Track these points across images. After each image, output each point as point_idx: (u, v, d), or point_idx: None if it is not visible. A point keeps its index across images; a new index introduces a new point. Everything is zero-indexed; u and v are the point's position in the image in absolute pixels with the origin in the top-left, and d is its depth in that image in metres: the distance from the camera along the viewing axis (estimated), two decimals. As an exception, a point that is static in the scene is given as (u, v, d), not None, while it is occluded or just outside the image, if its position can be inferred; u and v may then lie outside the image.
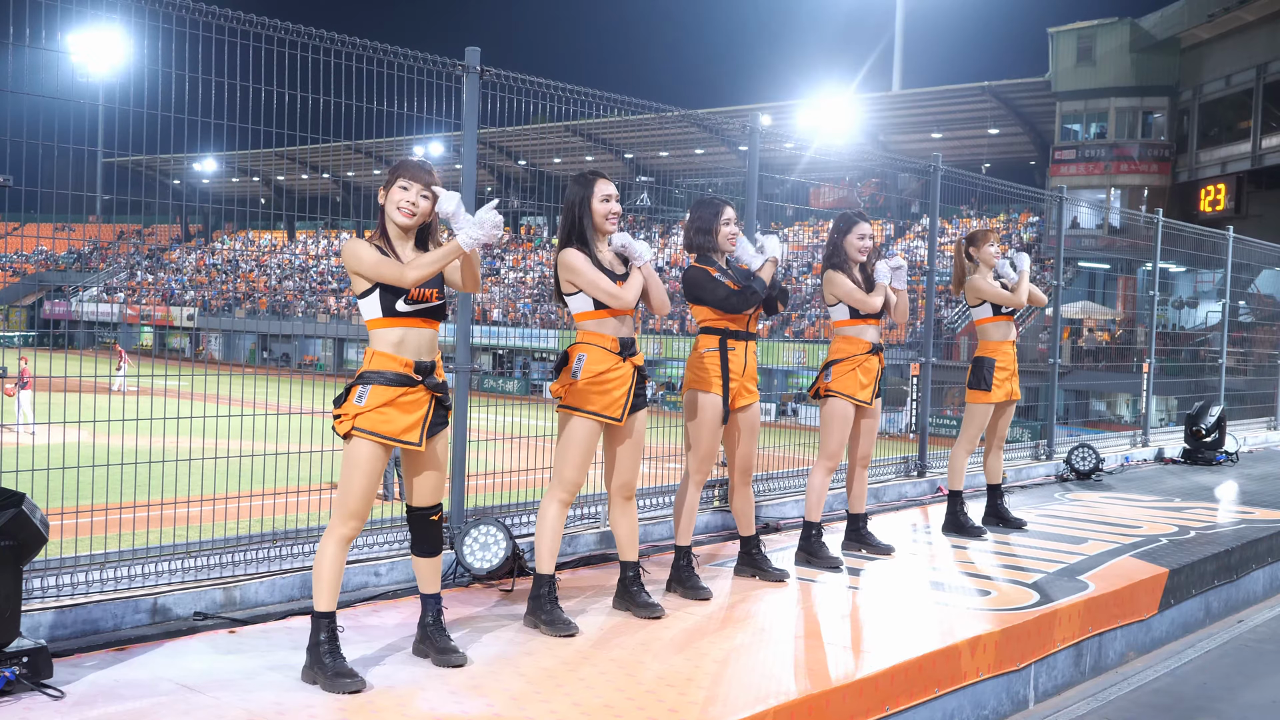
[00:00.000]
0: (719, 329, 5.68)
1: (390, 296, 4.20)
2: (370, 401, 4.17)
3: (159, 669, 4.22)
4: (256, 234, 67.94)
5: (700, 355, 5.68)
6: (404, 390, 4.22)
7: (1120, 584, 6.11)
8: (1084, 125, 39.04)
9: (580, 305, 5.02)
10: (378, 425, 4.18)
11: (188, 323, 50.75)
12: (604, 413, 4.95)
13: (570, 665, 4.43)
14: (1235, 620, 7.10)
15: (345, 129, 5.84)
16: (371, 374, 4.21)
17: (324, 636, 4.17)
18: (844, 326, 6.38)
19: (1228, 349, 15.39)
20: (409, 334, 4.25)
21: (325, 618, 4.20)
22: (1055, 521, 8.09)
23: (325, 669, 4.11)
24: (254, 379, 7.83)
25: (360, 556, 5.69)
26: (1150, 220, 13.29)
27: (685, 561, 5.66)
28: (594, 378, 4.94)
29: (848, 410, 6.31)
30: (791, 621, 5.20)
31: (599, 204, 5.01)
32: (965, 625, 5.14)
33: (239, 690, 4.03)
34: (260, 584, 5.25)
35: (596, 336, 5.00)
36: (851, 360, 6.30)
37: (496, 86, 6.28)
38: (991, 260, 7.32)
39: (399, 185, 4.27)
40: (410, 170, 4.28)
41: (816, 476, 6.37)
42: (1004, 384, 7.38)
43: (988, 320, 7.39)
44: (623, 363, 4.99)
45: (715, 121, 8.94)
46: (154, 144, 5.32)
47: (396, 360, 4.22)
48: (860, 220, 6.35)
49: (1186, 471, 11.57)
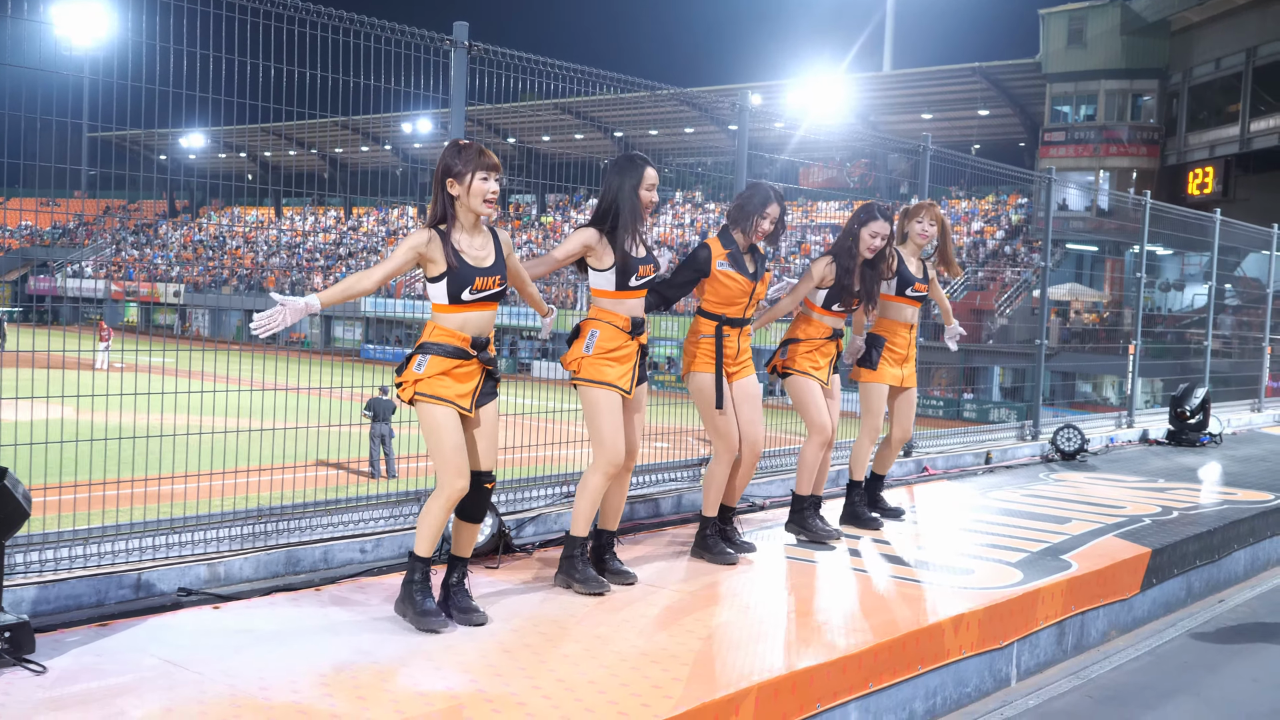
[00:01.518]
0: (716, 315, 5.74)
1: (456, 286, 4.49)
2: (429, 369, 4.51)
3: (142, 644, 4.22)
4: (243, 210, 67.63)
5: (696, 340, 5.77)
6: (459, 362, 4.54)
7: (1103, 563, 6.14)
8: (1074, 107, 39.06)
9: (601, 283, 5.19)
10: (436, 389, 4.50)
11: (174, 299, 50.59)
12: (619, 383, 5.13)
13: (552, 640, 4.44)
14: (1217, 600, 7.15)
15: (332, 104, 5.80)
16: (431, 344, 4.54)
17: (418, 576, 4.59)
18: (812, 310, 6.38)
19: (1213, 332, 15.44)
20: (471, 317, 4.56)
21: (422, 561, 4.60)
22: (1039, 501, 8.12)
23: (415, 605, 4.54)
24: (241, 356, 7.81)
25: (345, 533, 5.69)
26: (1138, 203, 13.31)
27: (711, 530, 5.89)
28: (605, 353, 5.15)
29: (810, 382, 6.32)
30: (775, 599, 5.22)
31: (645, 192, 5.16)
32: (949, 603, 5.17)
33: (222, 665, 4.02)
34: (244, 560, 5.24)
35: (611, 315, 5.20)
36: (809, 343, 6.34)
37: (485, 62, 6.25)
38: (919, 238, 6.87)
39: (479, 177, 4.47)
40: (485, 161, 4.46)
41: (808, 450, 6.37)
42: (894, 367, 6.82)
43: (888, 298, 6.83)
44: (631, 340, 5.19)
45: (705, 100, 8.94)
46: (140, 118, 5.29)
47: (456, 336, 4.54)
48: (879, 217, 6.26)
49: (1171, 453, 11.62)
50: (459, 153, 4.47)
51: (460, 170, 4.46)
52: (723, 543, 5.90)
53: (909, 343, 6.90)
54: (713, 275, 5.70)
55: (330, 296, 4.38)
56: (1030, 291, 35.36)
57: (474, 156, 4.46)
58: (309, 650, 4.22)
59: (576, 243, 5.14)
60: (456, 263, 4.47)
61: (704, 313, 5.78)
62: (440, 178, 4.50)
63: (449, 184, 4.48)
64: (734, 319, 5.75)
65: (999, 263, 39.26)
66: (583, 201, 52.40)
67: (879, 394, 6.81)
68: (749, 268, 5.74)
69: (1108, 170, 38.09)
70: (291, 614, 4.67)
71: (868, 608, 5.14)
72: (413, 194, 59.15)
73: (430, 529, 4.57)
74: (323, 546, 5.54)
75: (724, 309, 5.73)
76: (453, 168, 4.47)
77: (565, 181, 8.44)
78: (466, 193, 4.48)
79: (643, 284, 5.24)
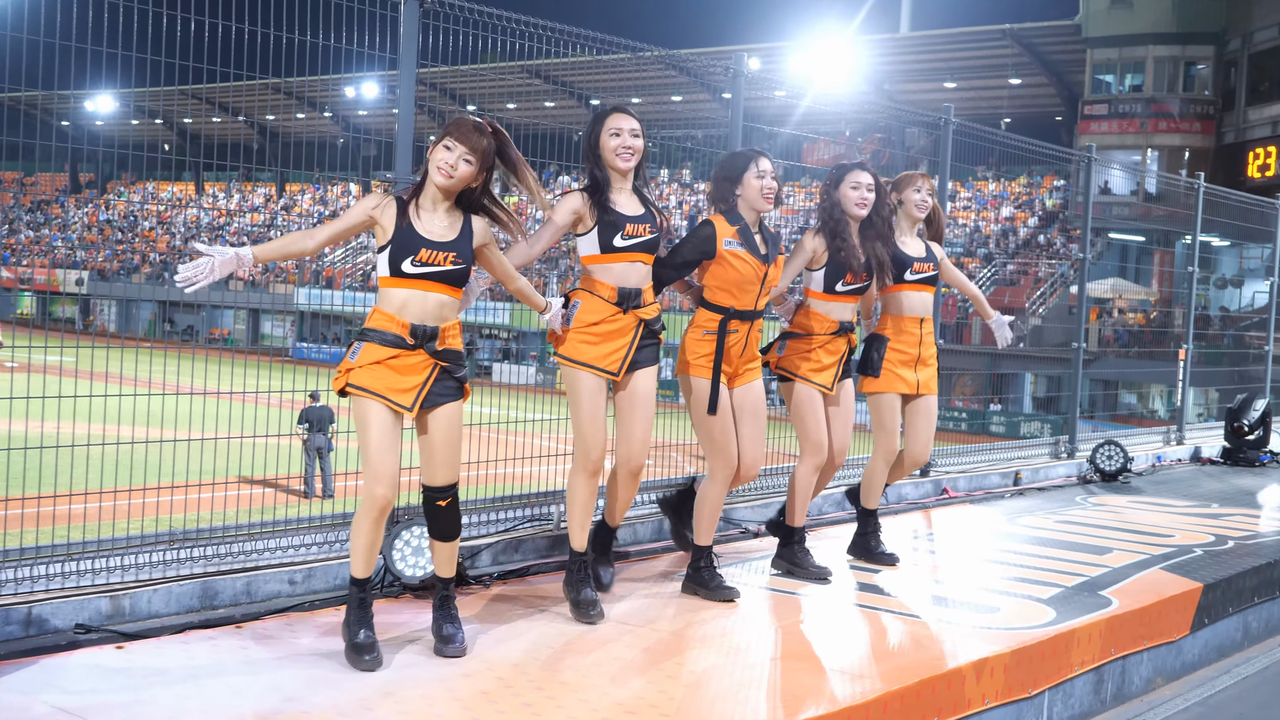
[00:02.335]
0: (722, 306, 5.64)
1: (399, 255, 4.54)
2: (363, 358, 4.56)
3: (33, 690, 4.18)
4: (159, 185, 67.36)
5: (699, 335, 5.69)
6: (398, 352, 4.56)
7: (1148, 600, 6.16)
8: (1118, 77, 39.29)
9: (585, 247, 5.31)
10: (369, 382, 4.53)
11: (76, 288, 50.36)
12: (597, 364, 5.20)
13: (511, 687, 4.42)
14: (1277, 643, 7.19)
15: (263, 64, 5.78)
16: (370, 331, 4.60)
17: (354, 603, 4.65)
18: (814, 299, 6.22)
19: (1276, 335, 15.53)
20: (413, 297, 4.57)
21: (356, 585, 4.68)
22: (1076, 529, 8.16)
23: (348, 637, 4.61)
24: (153, 355, 7.76)
25: (271, 561, 5.66)
26: (1191, 186, 13.39)
27: (705, 562, 5.84)
28: (585, 328, 5.22)
29: (809, 390, 6.20)
30: (769, 640, 5.22)
31: (606, 138, 5.31)
32: (970, 646, 5.17)
33: (126, 714, 3.99)
34: (153, 592, 5.21)
35: (594, 284, 5.29)
36: (811, 339, 6.21)
37: (440, 17, 6.24)
38: (917, 209, 6.64)
39: (443, 145, 4.57)
40: (460, 131, 4.56)
41: (801, 472, 6.27)
42: (901, 370, 6.60)
43: (887, 289, 6.62)
44: (622, 314, 5.23)
45: (696, 64, 8.95)
46: (38, 78, 5.25)
47: (394, 321, 4.56)
48: (855, 168, 6.17)
49: (1226, 473, 11.69)
50: (449, 122, 4.61)
51: (435, 138, 4.59)
52: (719, 575, 5.84)
53: (920, 339, 6.63)
54: (718, 255, 5.59)
55: (266, 252, 4.50)
56: (1067, 287, 35.55)
57: (453, 126, 4.58)
58: (228, 697, 4.19)
59: (565, 211, 5.26)
60: (404, 229, 4.54)
61: (707, 303, 5.67)
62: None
63: (428, 152, 4.63)
64: (743, 311, 5.64)
65: (1032, 254, 39.46)
66: (553, 179, 52.42)
67: (889, 406, 6.63)
68: (760, 249, 5.65)
69: (1156, 149, 38.34)
70: (208, 655, 4.63)
71: (876, 651, 5.15)
72: (356, 168, 59.10)
73: (358, 546, 4.62)
74: (245, 577, 5.51)
75: (732, 298, 5.62)
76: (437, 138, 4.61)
77: (534, 156, 8.43)
78: (429, 160, 4.59)
79: (632, 245, 5.24)
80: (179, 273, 4.29)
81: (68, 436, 5.63)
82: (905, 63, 45.37)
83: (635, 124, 5.33)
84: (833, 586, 6.21)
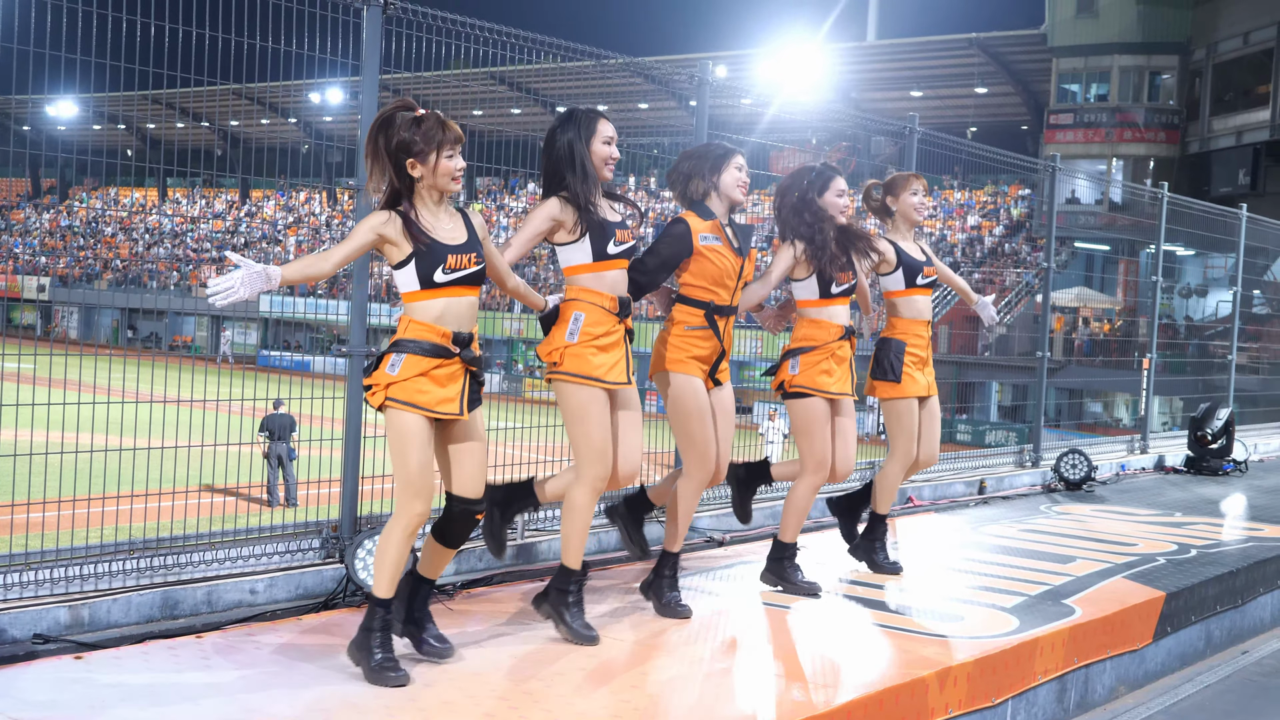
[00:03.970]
0: (702, 301, 5.57)
1: (428, 267, 4.48)
2: (404, 371, 4.48)
3: (-11, 701, 4.15)
4: (121, 191, 66.91)
5: (682, 332, 5.57)
6: (440, 362, 4.51)
7: (1111, 609, 6.21)
8: (1083, 86, 39.58)
9: (574, 257, 5.15)
10: (413, 395, 4.47)
11: (38, 294, 49.93)
12: (609, 378, 5.07)
13: (474, 697, 4.42)
14: (1239, 651, 7.25)
15: (225, 70, 5.77)
16: (407, 342, 4.51)
17: (377, 624, 4.54)
18: (809, 308, 6.17)
19: (1239, 344, 15.69)
20: (451, 304, 4.55)
21: (381, 605, 4.57)
22: (1039, 537, 8.20)
23: (370, 656, 4.50)
24: (115, 362, 7.73)
25: (233, 571, 5.64)
26: (1155, 196, 13.51)
27: (669, 570, 5.75)
28: (593, 340, 5.08)
29: (823, 406, 6.14)
30: (732, 651, 5.23)
31: (600, 146, 5.17)
32: (933, 655, 5.20)
33: (84, 726, 3.97)
34: (113, 602, 5.18)
35: (593, 294, 5.13)
36: (823, 349, 6.12)
37: (404, 24, 6.24)
38: (914, 211, 6.68)
39: (445, 155, 4.49)
40: (454, 136, 4.50)
41: (800, 490, 6.19)
42: (915, 373, 6.66)
43: (898, 294, 6.70)
44: (618, 323, 5.16)
45: (661, 71, 8.98)
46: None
47: (435, 330, 4.51)
48: (835, 175, 6.13)
49: (1189, 482, 11.79)
50: (417, 126, 4.46)
51: (423, 149, 4.46)
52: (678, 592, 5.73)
53: (927, 342, 6.74)
54: (696, 251, 5.51)
55: (291, 273, 4.38)
56: (1032, 296, 35.76)
57: (436, 131, 4.46)
58: (187, 708, 4.17)
59: (543, 216, 5.09)
60: (424, 239, 4.48)
61: (686, 299, 5.59)
62: (392, 154, 4.46)
63: (410, 165, 4.47)
64: (722, 306, 5.58)
65: (998, 263, 39.70)
66: (519, 186, 52.36)
67: (909, 411, 6.64)
68: (734, 241, 5.61)
69: (1121, 158, 38.63)
70: (168, 666, 4.60)
71: (839, 660, 5.16)
72: (320, 175, 58.79)
73: (388, 563, 4.54)
74: (206, 586, 5.48)
75: (711, 293, 5.55)
76: (413, 145, 4.46)
77: (500, 164, 8.43)
78: (433, 173, 4.49)
79: (623, 251, 5.18)
80: (209, 285, 4.16)
81: (26, 444, 5.59)
82: (872, 71, 45.56)
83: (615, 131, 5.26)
84: (794, 596, 6.21)
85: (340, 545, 5.95)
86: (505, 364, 39.15)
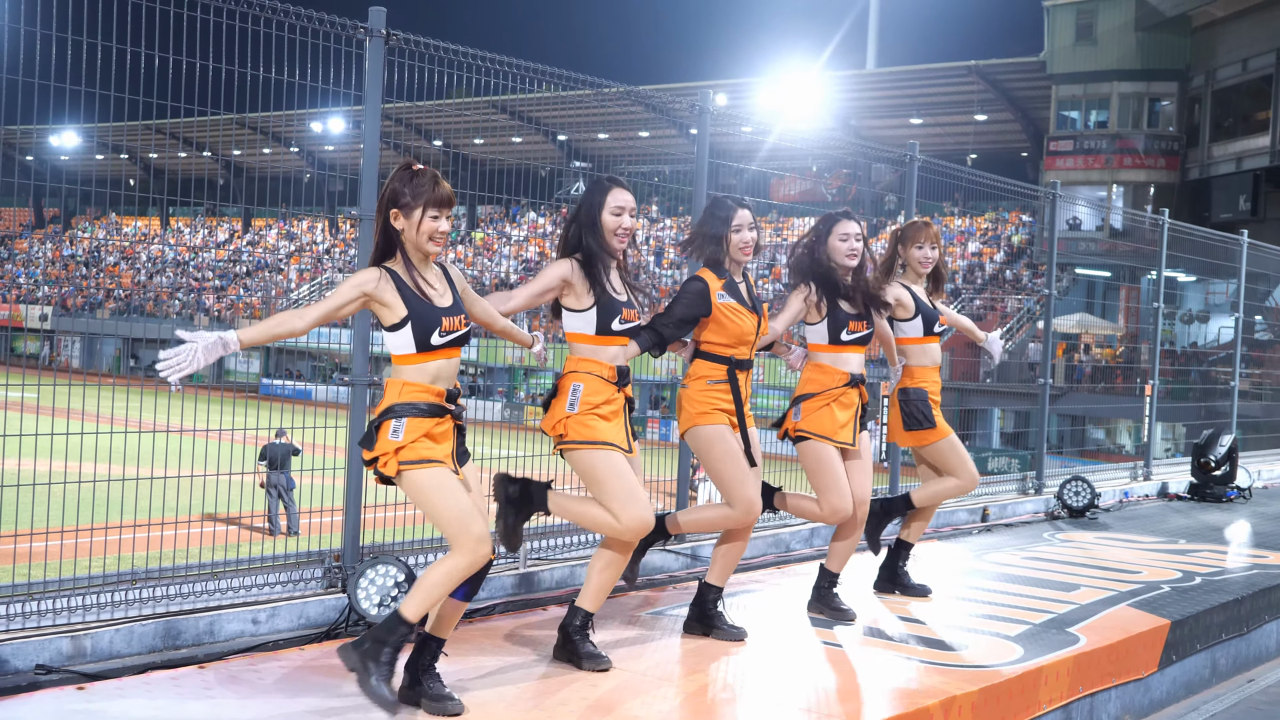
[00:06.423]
0: (723, 357, 5.62)
1: (424, 331, 4.43)
2: (409, 434, 4.41)
3: (-9, 732, 4.14)
4: (123, 220, 67.07)
5: (704, 387, 5.63)
6: (437, 420, 4.48)
7: (1116, 637, 6.19)
8: (1083, 113, 39.68)
9: (578, 325, 5.16)
10: (422, 454, 4.42)
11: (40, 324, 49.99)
12: (616, 442, 5.07)
13: (480, 729, 4.41)
14: (1245, 679, 7.23)
15: (228, 100, 5.79)
16: (403, 406, 4.44)
17: (393, 642, 4.41)
18: (820, 353, 6.19)
19: (1241, 370, 15.68)
20: (444, 366, 4.53)
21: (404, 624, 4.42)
22: (1043, 565, 8.19)
23: (376, 667, 4.36)
24: (117, 391, 7.74)
25: (235, 601, 5.63)
26: (1156, 222, 13.53)
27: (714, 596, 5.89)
28: (592, 409, 5.07)
29: (827, 450, 6.10)
30: (734, 679, 5.21)
31: (609, 216, 5.15)
32: (938, 684, 5.18)
33: (86, 758, 3.96)
34: (115, 632, 5.17)
35: (593, 364, 5.15)
36: (825, 395, 6.12)
37: (406, 54, 6.28)
38: (921, 265, 6.79)
39: (429, 215, 4.43)
40: (442, 197, 4.44)
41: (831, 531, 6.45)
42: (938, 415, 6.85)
43: (914, 341, 6.82)
44: (618, 393, 5.15)
45: (661, 100, 9.00)
46: (1, 112, 5.24)
47: (430, 391, 4.48)
48: (841, 218, 6.15)
49: (1193, 509, 11.76)
50: (410, 179, 4.41)
51: (408, 202, 4.40)
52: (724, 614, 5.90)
53: (939, 386, 6.95)
54: (715, 311, 5.56)
55: (252, 336, 4.24)
56: (1034, 323, 35.77)
57: (427, 188, 4.40)
58: (190, 740, 4.16)
59: (554, 275, 5.11)
60: (419, 305, 4.43)
61: (708, 355, 5.63)
62: (385, 204, 4.45)
63: (393, 215, 4.42)
64: (743, 360, 5.65)
65: (998, 289, 39.71)
66: (520, 214, 52.45)
67: (951, 444, 6.83)
68: (747, 299, 5.67)
69: (1121, 184, 38.68)
70: (170, 696, 4.59)
71: (842, 690, 5.15)
72: (322, 203, 58.89)
73: (428, 591, 4.40)
74: (208, 616, 5.48)
75: (733, 349, 5.62)
76: (400, 197, 4.41)
77: (501, 192, 8.45)
78: (415, 230, 4.42)
79: (626, 330, 5.19)
80: (160, 359, 4.06)
81: (29, 474, 5.59)
82: (872, 99, 45.66)
83: (633, 201, 5.21)
84: (797, 625, 6.21)
85: (343, 575, 5.94)
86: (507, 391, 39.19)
